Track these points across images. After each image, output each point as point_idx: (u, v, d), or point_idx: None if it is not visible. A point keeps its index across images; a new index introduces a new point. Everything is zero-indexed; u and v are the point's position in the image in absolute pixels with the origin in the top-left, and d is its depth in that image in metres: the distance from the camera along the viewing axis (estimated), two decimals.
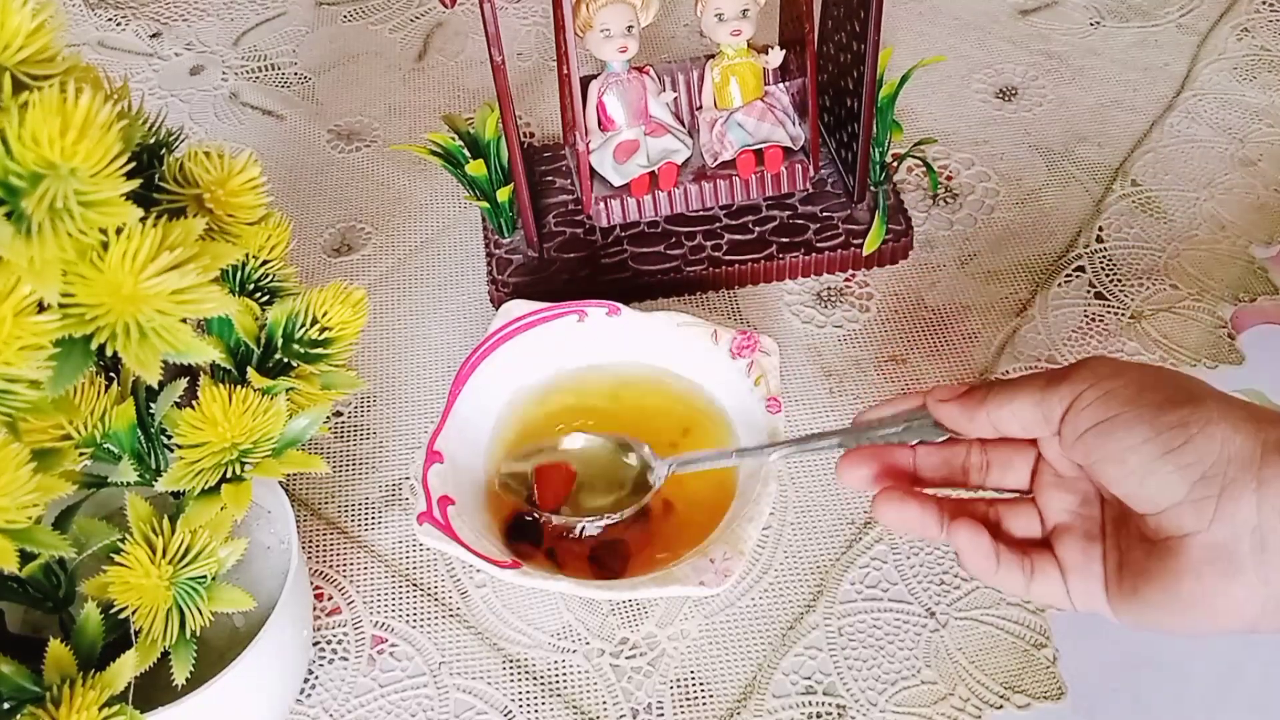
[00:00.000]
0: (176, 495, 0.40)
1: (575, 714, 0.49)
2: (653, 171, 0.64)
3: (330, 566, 0.55)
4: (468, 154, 0.65)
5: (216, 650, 0.44)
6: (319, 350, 0.42)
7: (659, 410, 0.57)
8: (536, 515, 0.52)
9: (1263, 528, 0.33)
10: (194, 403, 0.39)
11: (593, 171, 0.64)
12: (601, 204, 0.64)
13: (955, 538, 0.39)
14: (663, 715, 0.49)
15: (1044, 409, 0.37)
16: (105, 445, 0.40)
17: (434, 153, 0.65)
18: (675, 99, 0.65)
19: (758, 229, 0.66)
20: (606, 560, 0.52)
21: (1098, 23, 0.82)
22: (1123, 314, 0.63)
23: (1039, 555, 0.39)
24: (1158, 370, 0.36)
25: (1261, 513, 0.33)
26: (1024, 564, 0.39)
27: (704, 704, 0.49)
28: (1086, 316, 0.63)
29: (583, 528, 0.52)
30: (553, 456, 0.53)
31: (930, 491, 0.41)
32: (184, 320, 0.33)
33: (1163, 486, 0.34)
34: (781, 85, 0.65)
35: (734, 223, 0.66)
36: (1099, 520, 0.39)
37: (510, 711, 0.49)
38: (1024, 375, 0.38)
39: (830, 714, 0.49)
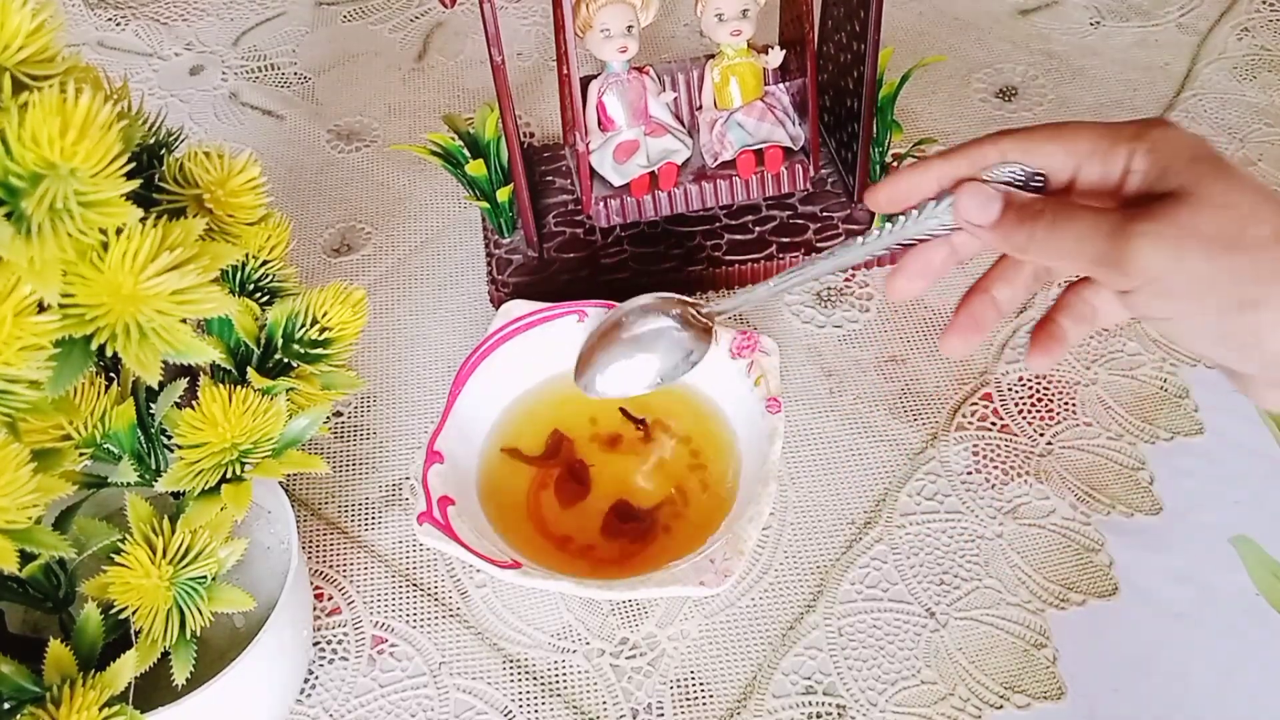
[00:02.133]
0: (176, 495, 0.40)
1: (575, 714, 0.49)
2: (653, 171, 0.64)
3: (330, 566, 0.55)
4: (468, 154, 0.65)
5: (216, 650, 0.44)
6: (319, 350, 0.42)
7: (659, 410, 0.57)
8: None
9: None
10: (194, 403, 0.39)
11: (593, 171, 0.64)
12: (601, 204, 0.64)
13: (1033, 362, 0.40)
14: (663, 715, 0.49)
15: (1096, 279, 0.36)
16: (105, 445, 0.40)
17: (434, 153, 0.65)
18: (675, 99, 0.65)
19: (758, 229, 0.66)
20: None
21: (1098, 22, 0.82)
22: None
23: (1094, 294, 0.39)
24: (1219, 248, 0.32)
25: None
26: (1085, 313, 0.39)
27: (704, 704, 0.49)
28: None
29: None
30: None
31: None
32: (184, 320, 0.34)
33: (1235, 364, 0.34)
34: (781, 85, 0.65)
35: (734, 223, 0.66)
36: None
37: (510, 711, 0.49)
38: (1072, 221, 0.34)
39: (830, 714, 0.49)
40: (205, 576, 0.39)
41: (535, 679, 0.50)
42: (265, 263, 0.43)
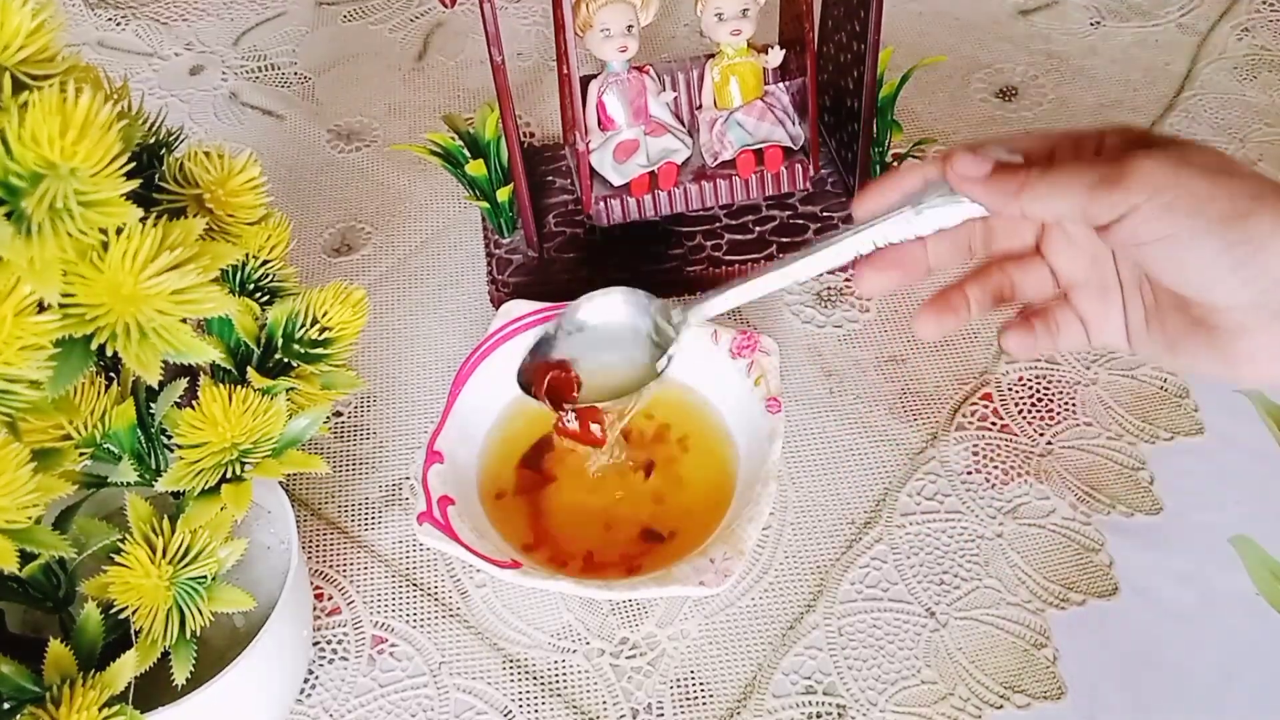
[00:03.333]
0: (176, 495, 0.40)
1: (575, 714, 0.49)
2: (653, 171, 0.64)
3: (330, 566, 0.55)
4: (468, 154, 0.65)
5: (216, 650, 0.44)
6: (319, 350, 0.42)
7: (659, 410, 0.57)
8: (556, 412, 0.49)
9: None
10: (194, 403, 0.39)
11: (593, 171, 0.64)
12: (601, 204, 0.64)
13: (1006, 342, 0.42)
14: (663, 715, 0.49)
15: (1090, 211, 0.35)
16: (105, 445, 0.40)
17: (434, 153, 0.65)
18: (675, 98, 0.65)
19: (758, 229, 0.66)
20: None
21: (1098, 22, 0.82)
22: None
23: (1060, 312, 0.41)
24: (1212, 172, 0.34)
25: None
26: (1050, 327, 0.41)
27: (704, 704, 0.49)
28: None
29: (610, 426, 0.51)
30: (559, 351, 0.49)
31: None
32: (184, 320, 0.34)
33: (1229, 293, 0.34)
34: (781, 85, 0.65)
35: (734, 222, 0.66)
36: (1114, 272, 0.39)
37: (510, 711, 0.49)
38: (1063, 164, 0.36)
39: (830, 714, 0.49)
40: (205, 576, 0.39)
41: (535, 679, 0.50)
42: (265, 262, 0.43)
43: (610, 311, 0.48)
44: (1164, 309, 0.38)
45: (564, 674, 0.50)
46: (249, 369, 0.41)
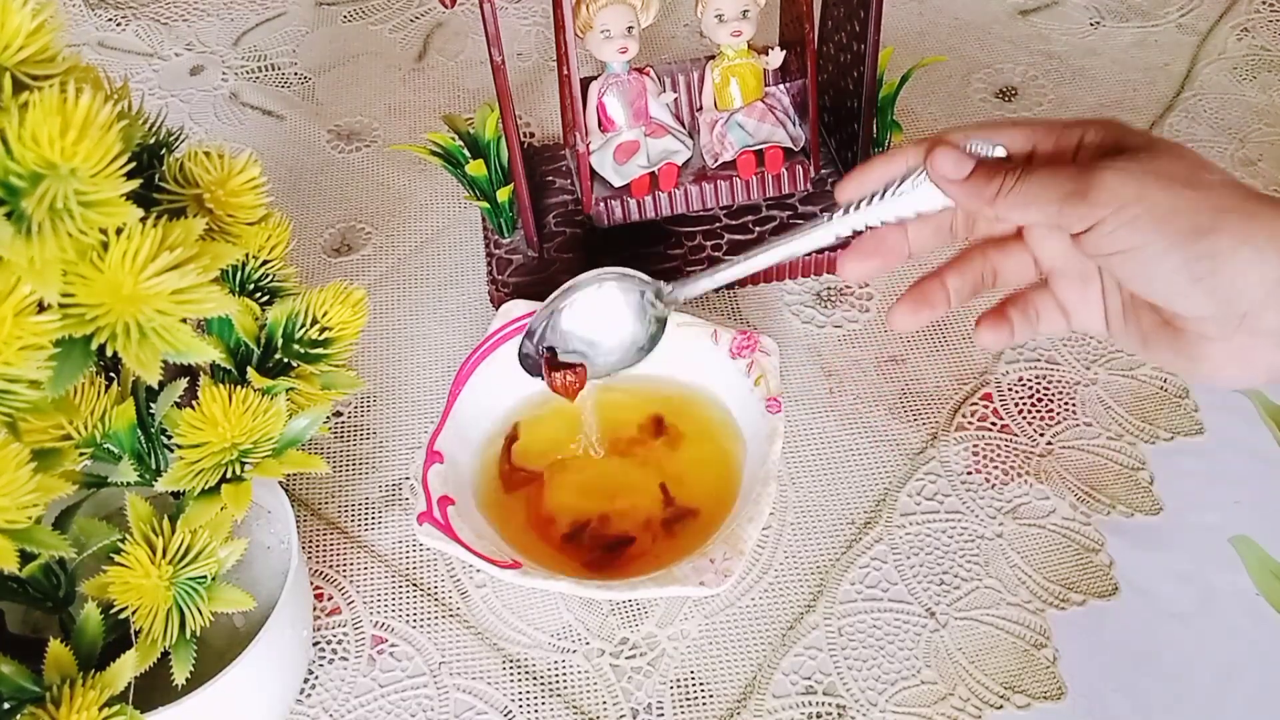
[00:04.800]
0: (176, 495, 0.40)
1: (575, 714, 0.49)
2: (653, 172, 0.64)
3: (330, 566, 0.55)
4: (468, 154, 0.65)
5: (216, 650, 0.44)
6: (319, 350, 0.42)
7: (658, 410, 0.57)
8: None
9: None
10: (194, 403, 0.39)
11: (593, 172, 0.64)
12: (602, 205, 0.64)
13: (980, 338, 0.42)
14: (663, 715, 0.49)
15: (1060, 221, 0.36)
16: (105, 445, 0.40)
17: (434, 153, 0.65)
18: (675, 100, 0.65)
19: (758, 229, 0.66)
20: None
21: (1098, 23, 0.83)
22: None
23: (1039, 298, 0.41)
24: (1179, 184, 0.35)
25: None
26: (1029, 315, 0.42)
27: (704, 704, 0.49)
28: None
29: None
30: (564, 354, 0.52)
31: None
32: (184, 320, 0.34)
33: (1190, 304, 0.35)
34: (782, 86, 0.65)
35: (734, 223, 0.66)
36: (1095, 265, 0.40)
37: (510, 711, 0.49)
38: (1038, 171, 0.37)
39: (830, 714, 0.49)
40: (205, 576, 0.39)
41: (535, 679, 0.50)
42: (265, 262, 0.43)
43: (604, 299, 0.51)
44: (1139, 305, 0.38)
45: (564, 674, 0.50)
46: (249, 369, 0.41)
